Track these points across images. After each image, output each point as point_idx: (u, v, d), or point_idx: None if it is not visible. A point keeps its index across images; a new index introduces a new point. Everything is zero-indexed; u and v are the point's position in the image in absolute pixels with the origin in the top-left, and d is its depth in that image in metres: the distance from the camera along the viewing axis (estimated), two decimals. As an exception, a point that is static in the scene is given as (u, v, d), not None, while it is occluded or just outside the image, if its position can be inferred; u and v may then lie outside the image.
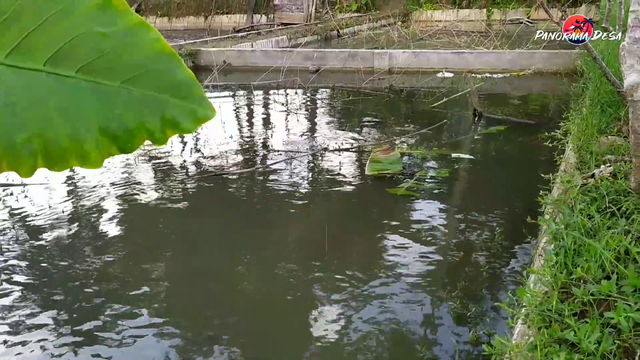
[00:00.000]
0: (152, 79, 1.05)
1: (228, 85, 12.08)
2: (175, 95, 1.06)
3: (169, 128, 1.10)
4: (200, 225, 5.46)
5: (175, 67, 1.07)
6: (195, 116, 1.11)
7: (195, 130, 1.15)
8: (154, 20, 28.76)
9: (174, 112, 1.07)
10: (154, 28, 1.09)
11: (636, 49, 2.59)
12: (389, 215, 5.43)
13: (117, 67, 1.04)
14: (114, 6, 1.06)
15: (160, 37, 1.07)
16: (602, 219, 2.83)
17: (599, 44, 8.33)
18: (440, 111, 9.06)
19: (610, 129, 4.68)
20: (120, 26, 1.05)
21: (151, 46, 1.05)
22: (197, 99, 1.11)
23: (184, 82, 1.09)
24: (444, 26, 20.36)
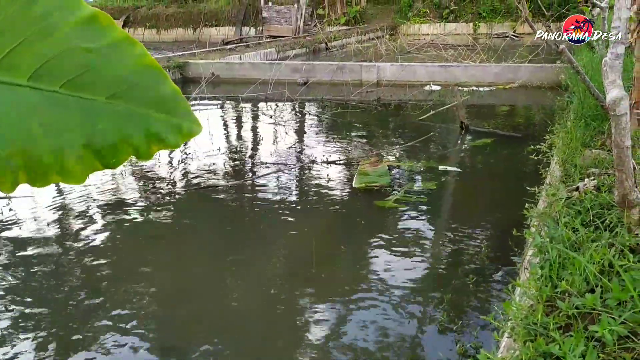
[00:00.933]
0: (137, 94, 1.05)
1: (216, 98, 12.08)
2: (161, 110, 1.06)
3: (154, 143, 1.10)
4: (186, 238, 5.43)
5: (160, 82, 1.07)
6: (181, 131, 1.11)
7: (181, 145, 1.15)
8: (142, 32, 28.75)
9: (159, 127, 1.06)
10: (139, 43, 1.09)
11: (618, 64, 2.64)
12: (376, 228, 5.44)
13: (102, 82, 1.04)
14: (99, 21, 1.06)
15: (145, 52, 1.07)
16: (587, 232, 2.86)
17: (583, 58, 8.46)
18: (427, 124, 9.12)
19: (594, 143, 4.74)
20: (105, 41, 1.05)
21: (136, 61, 1.05)
22: (182, 113, 1.11)
23: (170, 97, 1.08)
24: (431, 40, 20.54)
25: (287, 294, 4.31)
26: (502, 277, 4.31)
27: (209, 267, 4.84)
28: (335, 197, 6.29)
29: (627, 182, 2.67)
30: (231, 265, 4.78)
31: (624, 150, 2.63)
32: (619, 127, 2.58)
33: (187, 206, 6.23)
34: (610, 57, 2.63)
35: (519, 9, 5.49)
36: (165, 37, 28.37)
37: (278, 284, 4.47)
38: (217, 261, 4.92)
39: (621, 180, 2.68)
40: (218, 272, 4.71)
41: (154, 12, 29.22)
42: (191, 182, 6.88)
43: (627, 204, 2.73)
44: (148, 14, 29.19)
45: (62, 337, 3.80)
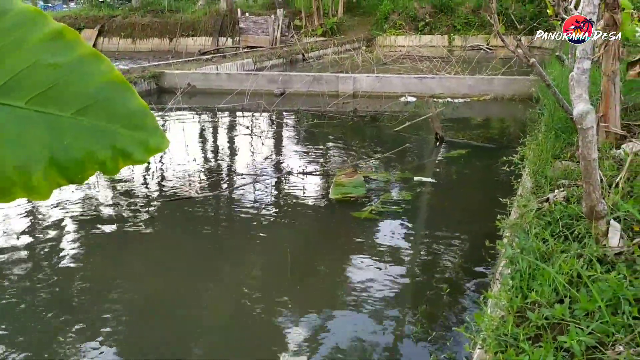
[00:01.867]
0: (103, 109, 1.04)
1: (192, 108, 12.02)
2: (127, 125, 1.05)
3: (121, 159, 1.09)
4: (161, 250, 5.37)
5: (127, 97, 1.07)
6: (148, 146, 1.10)
7: (147, 160, 1.14)
8: (118, 42, 28.50)
9: (125, 142, 1.06)
10: (106, 58, 1.09)
11: (584, 79, 2.70)
12: (352, 239, 5.45)
13: (68, 98, 1.03)
14: (65, 37, 1.06)
15: (112, 67, 1.07)
16: (556, 243, 2.91)
17: (553, 72, 8.63)
18: (403, 135, 9.20)
19: (564, 154, 4.83)
20: (71, 57, 1.04)
21: (103, 76, 1.05)
22: (149, 129, 1.10)
23: (136, 112, 1.08)
24: (407, 51, 20.81)
25: (261, 306, 4.28)
26: (475, 288, 4.35)
27: (182, 279, 4.79)
28: (311, 208, 6.29)
29: (594, 194, 2.73)
30: (205, 278, 4.74)
31: (590, 163, 2.69)
32: (586, 140, 2.64)
33: (161, 218, 6.17)
34: (577, 72, 2.70)
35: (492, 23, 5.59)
36: (141, 47, 28.16)
37: (253, 296, 4.45)
38: (191, 273, 4.87)
39: (588, 192, 2.74)
40: (192, 284, 4.67)
41: (130, 21, 29.01)
42: (166, 193, 6.81)
43: (595, 215, 2.79)
44: (123, 23, 28.96)
45: (33, 351, 3.72)
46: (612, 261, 2.63)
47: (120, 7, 32.14)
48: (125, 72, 14.15)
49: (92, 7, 31.99)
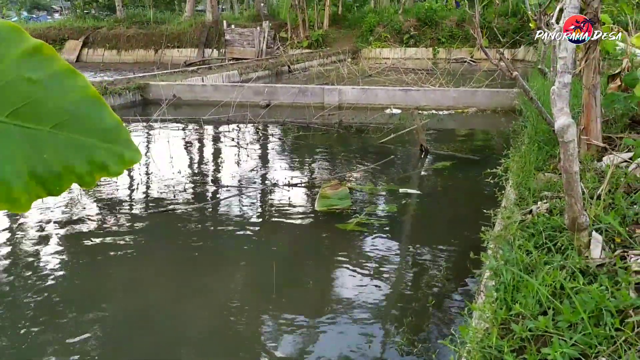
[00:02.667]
0: (80, 124, 1.04)
1: (177, 120, 11.97)
2: (103, 139, 1.06)
3: (97, 171, 1.09)
4: (146, 263, 5.31)
5: (102, 112, 1.07)
6: (123, 159, 1.11)
7: (122, 172, 1.14)
8: (102, 53, 28.39)
9: (101, 155, 1.06)
10: (81, 74, 1.09)
11: (565, 92, 2.74)
12: (337, 251, 5.44)
13: (46, 112, 1.02)
14: (42, 53, 1.05)
15: (87, 83, 1.07)
16: (539, 255, 2.93)
17: (536, 84, 8.74)
18: (388, 147, 9.24)
19: (546, 166, 4.88)
20: (49, 72, 1.04)
21: (78, 92, 1.05)
22: (123, 142, 1.11)
23: (111, 127, 1.08)
24: (392, 64, 20.96)
25: (246, 319, 4.25)
26: (461, 299, 4.36)
27: (167, 292, 4.74)
28: (296, 220, 6.27)
29: (576, 206, 2.75)
30: (190, 290, 4.70)
31: (572, 176, 2.71)
32: (567, 153, 2.67)
33: (146, 230, 6.11)
34: (558, 86, 2.73)
35: (475, 36, 5.66)
36: (126, 58, 28.05)
37: (237, 309, 4.41)
38: (176, 286, 4.83)
39: (570, 205, 2.76)
40: (176, 297, 4.62)
41: (115, 32, 28.90)
42: (150, 205, 6.76)
43: (577, 227, 2.81)
44: (108, 34, 28.85)
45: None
46: (594, 273, 2.65)
47: (105, 19, 32.05)
48: (110, 83, 14.08)
49: (77, 19, 31.86)
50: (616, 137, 5.03)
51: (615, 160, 4.01)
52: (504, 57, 5.57)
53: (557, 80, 2.75)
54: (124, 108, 13.29)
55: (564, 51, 2.78)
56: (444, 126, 11.45)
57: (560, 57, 2.78)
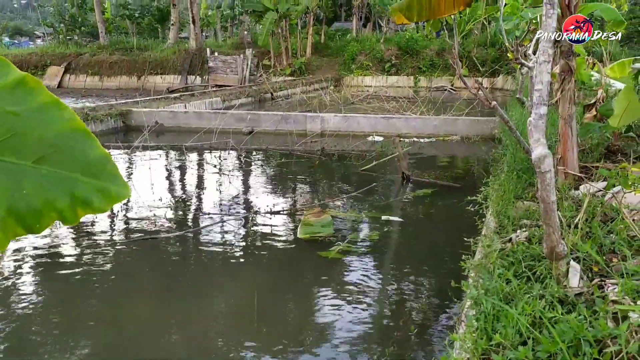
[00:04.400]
0: (64, 158, 1.03)
1: (159, 147, 11.93)
2: (87, 173, 1.05)
3: (80, 207, 1.07)
4: (125, 293, 5.23)
5: (88, 145, 1.06)
6: (108, 195, 1.10)
7: (108, 209, 1.13)
8: (85, 79, 28.33)
9: (85, 190, 1.05)
10: (67, 107, 1.09)
11: (541, 124, 2.80)
12: (319, 279, 5.43)
13: (28, 146, 1.02)
14: (27, 85, 1.06)
15: (73, 115, 1.07)
16: (519, 284, 2.95)
17: (514, 114, 8.91)
18: (370, 174, 9.30)
19: (525, 195, 4.96)
20: (33, 105, 1.04)
21: (64, 125, 1.05)
22: (110, 177, 1.10)
23: (97, 160, 1.07)
24: (374, 91, 21.23)
25: (227, 348, 4.19)
26: (442, 328, 4.36)
27: (146, 321, 4.67)
28: (278, 248, 6.25)
29: (554, 235, 2.79)
30: (170, 320, 4.63)
31: (550, 205, 2.76)
32: (544, 183, 2.72)
33: (126, 258, 6.03)
34: (534, 118, 2.80)
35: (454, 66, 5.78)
36: (108, 84, 28.02)
37: (218, 338, 4.35)
38: (156, 315, 4.75)
39: (548, 234, 2.81)
40: (156, 326, 4.55)
41: (97, 59, 28.92)
42: (131, 233, 6.69)
43: (555, 256, 2.85)
44: (91, 61, 28.85)
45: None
46: (572, 302, 2.68)
47: (88, 45, 32.08)
48: (92, 109, 14.02)
49: (59, 45, 31.85)
50: (592, 167, 5.13)
51: (591, 189, 4.09)
52: (482, 87, 5.69)
53: (534, 112, 2.82)
54: (106, 134, 13.22)
55: (539, 84, 2.85)
56: (425, 153, 11.58)
57: (536, 89, 2.85)
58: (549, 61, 2.83)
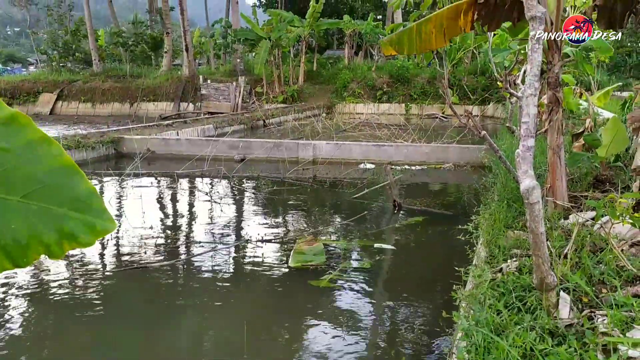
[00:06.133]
0: (51, 193, 1.04)
1: (151, 174, 11.91)
2: (74, 208, 1.05)
3: (67, 242, 1.08)
4: (114, 323, 5.16)
5: (75, 181, 1.07)
6: (95, 229, 1.10)
7: (94, 243, 1.14)
8: (77, 106, 28.39)
9: (72, 225, 1.05)
10: (56, 142, 1.10)
11: (529, 155, 2.84)
12: (310, 309, 5.38)
13: (17, 182, 1.03)
14: (17, 122, 1.07)
15: (62, 151, 1.08)
16: (510, 315, 2.95)
17: (504, 143, 9.01)
18: (362, 202, 9.31)
19: (516, 224, 4.98)
20: (22, 141, 1.05)
21: (52, 160, 1.06)
22: (96, 211, 1.10)
23: (84, 196, 1.08)
24: (365, 119, 21.42)
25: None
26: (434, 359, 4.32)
27: (135, 351, 4.60)
28: (270, 276, 6.21)
29: (543, 267, 2.80)
30: (159, 349, 4.57)
31: (539, 236, 2.78)
32: (533, 215, 2.74)
33: (116, 287, 5.97)
34: (522, 150, 2.83)
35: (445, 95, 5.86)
36: (101, 111, 28.08)
37: (208, 372, 4.29)
38: (145, 345, 4.69)
39: (538, 265, 2.82)
40: (145, 356, 4.48)
41: (90, 86, 29.03)
42: (121, 262, 6.63)
43: (545, 287, 2.85)
44: (84, 87, 28.95)
45: None
46: (563, 333, 2.68)
47: (81, 72, 32.22)
48: (84, 136, 14.02)
49: (52, 72, 31.98)
50: (581, 196, 5.17)
51: (580, 219, 4.12)
52: (472, 117, 5.76)
53: (521, 144, 2.86)
54: (97, 162, 13.21)
55: (526, 116, 2.90)
56: (416, 181, 11.63)
57: (523, 121, 2.90)
58: (535, 94, 2.88)
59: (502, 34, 10.37)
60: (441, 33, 5.20)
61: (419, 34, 5.33)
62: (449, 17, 5.14)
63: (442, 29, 5.18)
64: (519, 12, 4.79)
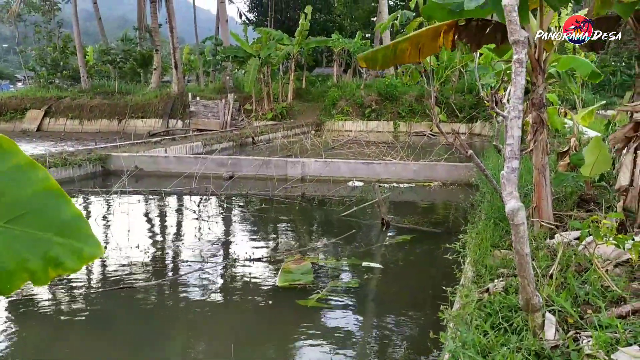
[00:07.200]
0: (37, 218, 1.04)
1: (138, 192, 11.84)
2: (60, 233, 1.05)
3: (52, 268, 1.08)
4: (99, 343, 5.09)
5: (61, 205, 1.07)
6: (81, 255, 1.10)
7: (80, 269, 1.14)
8: (64, 122, 28.26)
9: (57, 251, 1.05)
10: (42, 167, 1.10)
11: (513, 177, 2.87)
12: (297, 329, 5.35)
13: (2, 207, 1.03)
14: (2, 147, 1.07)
15: (47, 176, 1.08)
16: (497, 336, 2.96)
17: (490, 162, 9.08)
18: (350, 220, 9.32)
19: (502, 243, 5.01)
20: (7, 166, 1.05)
21: (38, 185, 1.05)
22: (83, 237, 1.10)
23: (70, 220, 1.08)
24: (354, 136, 21.51)
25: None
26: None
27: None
28: (257, 296, 6.18)
29: (528, 288, 2.82)
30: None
31: (524, 257, 2.80)
32: (518, 236, 2.77)
33: (101, 307, 5.89)
34: (507, 171, 2.86)
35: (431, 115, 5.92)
36: (89, 128, 27.96)
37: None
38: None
39: (524, 286, 2.84)
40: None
41: (78, 102, 28.93)
42: (107, 282, 6.56)
43: (531, 308, 2.87)
44: (71, 104, 28.84)
45: None
46: (548, 355, 2.69)
47: (69, 89, 32.11)
48: (71, 154, 13.94)
49: (40, 88, 31.84)
50: (566, 215, 5.22)
51: (565, 239, 4.16)
52: (458, 136, 5.82)
53: (506, 165, 2.89)
54: (84, 179, 13.12)
55: (510, 138, 2.93)
56: (405, 199, 11.66)
57: (508, 143, 2.93)
58: (519, 117, 2.92)
59: (487, 53, 10.52)
60: (416, 50, 5.27)
61: (394, 50, 5.40)
62: (427, 37, 5.22)
63: (418, 47, 5.25)
64: (502, 35, 4.87)
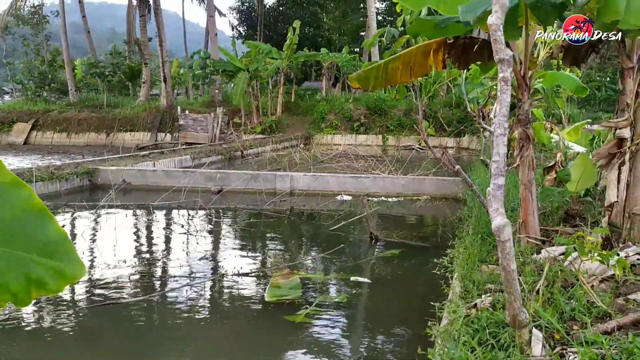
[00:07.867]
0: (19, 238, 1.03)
1: (126, 206, 11.76)
2: (42, 253, 1.04)
3: (34, 289, 1.07)
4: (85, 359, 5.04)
5: (45, 225, 1.06)
6: (63, 275, 1.09)
7: (62, 290, 1.12)
8: (52, 136, 28.08)
9: (40, 271, 1.04)
10: (27, 186, 1.09)
11: (499, 194, 2.90)
12: (285, 345, 5.33)
13: (-17, 227, 1.01)
14: (-15, 165, 1.06)
15: (32, 194, 1.07)
16: (484, 352, 2.96)
17: (478, 177, 9.14)
18: (339, 234, 9.31)
19: (490, 258, 5.03)
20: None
21: (21, 204, 1.05)
22: (66, 257, 1.09)
23: (53, 240, 1.07)
24: (343, 150, 21.58)
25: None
26: (410, 396, 4.29)
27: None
28: (245, 311, 6.14)
29: (515, 304, 2.83)
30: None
31: (510, 274, 2.82)
32: (504, 252, 2.79)
33: (87, 324, 5.83)
34: (493, 188, 2.89)
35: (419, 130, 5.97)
36: (76, 141, 27.79)
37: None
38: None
39: (510, 302, 2.85)
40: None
41: (66, 116, 28.78)
42: (93, 298, 6.49)
43: (517, 324, 2.88)
44: (59, 117, 28.68)
45: None
46: (535, 371, 2.70)
47: (57, 102, 31.94)
48: (58, 167, 13.84)
49: (28, 101, 31.65)
50: (552, 230, 5.26)
51: (551, 254, 4.19)
52: (446, 152, 5.86)
53: (492, 182, 2.91)
54: (71, 193, 13.01)
55: (496, 155, 2.96)
56: (393, 213, 11.69)
57: (494, 160, 2.96)
58: (505, 134, 2.96)
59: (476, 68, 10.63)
60: (407, 69, 5.32)
61: (386, 70, 5.45)
62: (418, 55, 5.27)
63: (409, 66, 5.30)
64: (489, 52, 4.94)
